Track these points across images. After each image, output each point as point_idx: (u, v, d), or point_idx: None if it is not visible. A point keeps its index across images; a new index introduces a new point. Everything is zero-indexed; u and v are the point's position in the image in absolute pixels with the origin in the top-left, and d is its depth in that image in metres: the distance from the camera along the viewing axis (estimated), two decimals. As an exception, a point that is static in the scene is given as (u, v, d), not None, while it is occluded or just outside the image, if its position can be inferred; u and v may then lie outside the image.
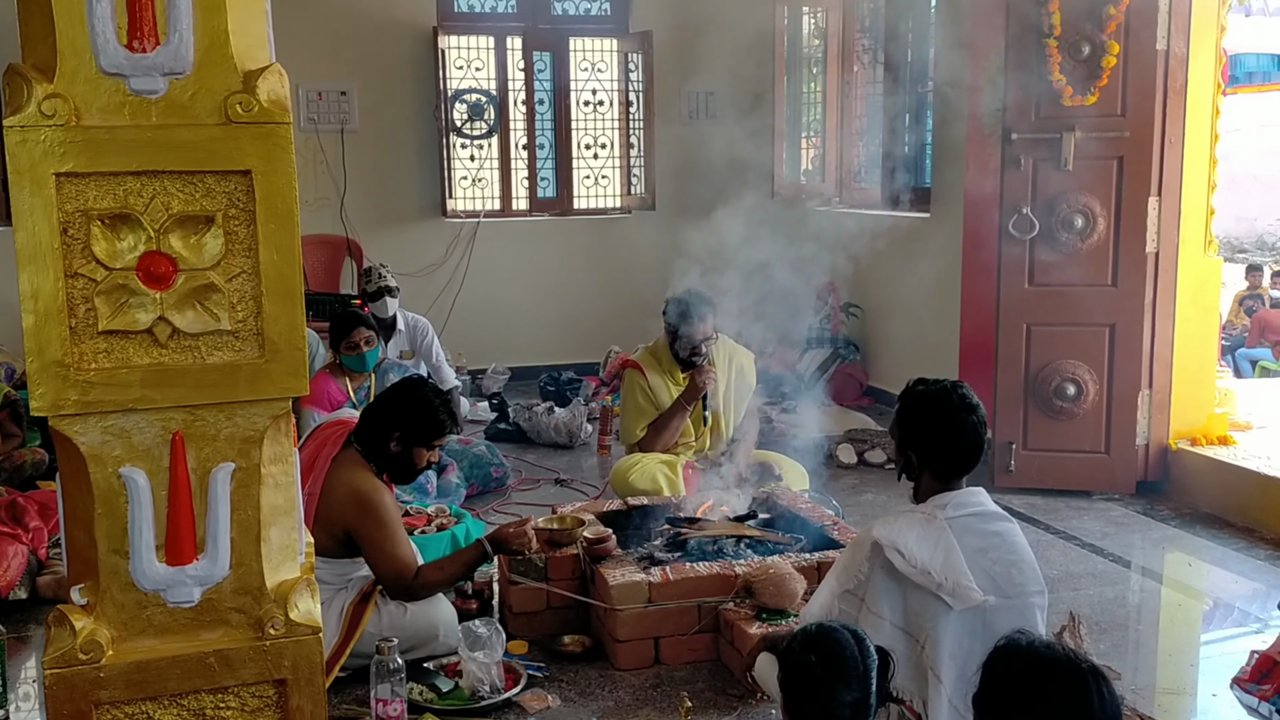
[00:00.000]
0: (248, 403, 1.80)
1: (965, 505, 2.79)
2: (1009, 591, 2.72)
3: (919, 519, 2.77)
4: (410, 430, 3.52)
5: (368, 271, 6.13)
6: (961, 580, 2.65)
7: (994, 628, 2.65)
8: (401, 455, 3.55)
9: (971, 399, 2.83)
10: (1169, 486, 5.34)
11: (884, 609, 2.71)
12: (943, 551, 2.68)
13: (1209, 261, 5.41)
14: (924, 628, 2.69)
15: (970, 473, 2.86)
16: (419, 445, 3.55)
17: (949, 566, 2.66)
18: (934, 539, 2.70)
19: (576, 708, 3.32)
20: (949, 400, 2.81)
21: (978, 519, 2.79)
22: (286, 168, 1.76)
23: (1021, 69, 5.14)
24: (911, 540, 2.69)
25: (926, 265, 6.81)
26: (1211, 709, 3.35)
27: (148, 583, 1.79)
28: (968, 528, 2.75)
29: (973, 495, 2.83)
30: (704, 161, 7.08)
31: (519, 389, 7.60)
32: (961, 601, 2.64)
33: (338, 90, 7.79)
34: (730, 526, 4.11)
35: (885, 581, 2.71)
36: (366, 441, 3.55)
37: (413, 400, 3.55)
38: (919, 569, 2.66)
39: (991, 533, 2.78)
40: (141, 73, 1.68)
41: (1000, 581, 2.72)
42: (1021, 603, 2.74)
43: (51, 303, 1.69)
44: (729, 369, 4.97)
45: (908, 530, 2.72)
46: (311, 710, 1.88)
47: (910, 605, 2.71)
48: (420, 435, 3.54)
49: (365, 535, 3.44)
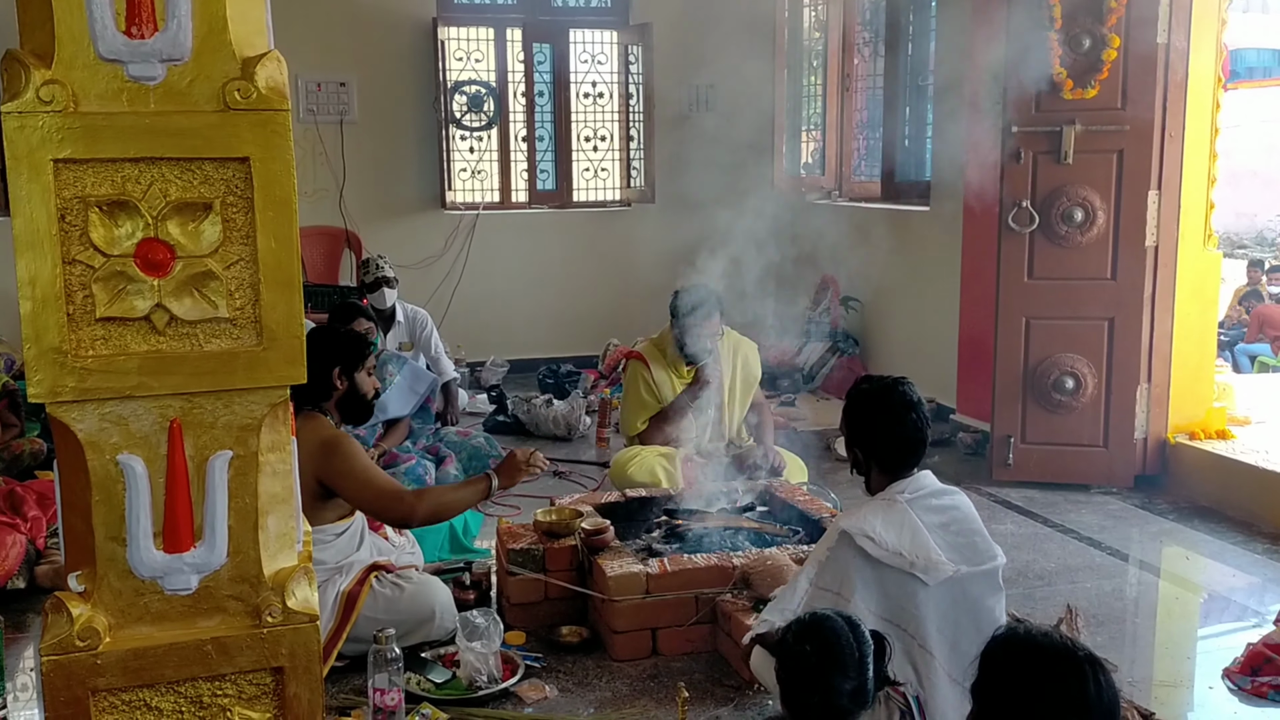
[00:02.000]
0: (245, 390, 1.80)
1: (921, 487, 2.92)
2: (974, 560, 2.85)
3: (880, 506, 2.89)
4: (343, 359, 3.64)
5: (366, 263, 6.13)
6: (932, 555, 2.77)
7: (970, 594, 2.83)
8: (349, 390, 3.67)
9: (912, 396, 2.94)
10: (1167, 480, 5.35)
11: (859, 598, 2.80)
12: (909, 532, 2.80)
13: (1208, 256, 5.41)
14: (906, 609, 2.79)
15: (915, 466, 2.96)
16: (357, 370, 3.68)
17: (918, 544, 2.78)
18: (899, 522, 2.82)
19: (574, 698, 3.32)
20: (890, 397, 2.93)
21: (932, 495, 2.92)
22: (285, 155, 1.75)
23: (1022, 62, 5.13)
24: (879, 525, 2.81)
25: (926, 259, 6.82)
26: (1208, 701, 3.35)
27: (145, 570, 1.78)
28: (925, 506, 2.88)
29: (924, 478, 2.95)
30: (704, 154, 7.07)
31: (518, 381, 7.60)
32: (935, 576, 2.76)
33: (337, 81, 7.78)
34: (728, 518, 4.12)
35: (860, 570, 2.80)
36: (313, 398, 3.58)
37: (326, 338, 3.70)
38: (890, 551, 2.77)
39: (948, 506, 2.91)
40: (140, 59, 1.68)
41: (965, 551, 2.85)
42: (990, 567, 2.87)
43: (49, 289, 1.68)
44: (734, 360, 4.96)
45: (873, 517, 2.83)
46: (309, 698, 1.88)
47: (889, 591, 2.79)
48: (353, 358, 3.67)
49: (338, 472, 3.44)
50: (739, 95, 8.09)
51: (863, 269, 7.59)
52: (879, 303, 7.51)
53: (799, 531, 4.01)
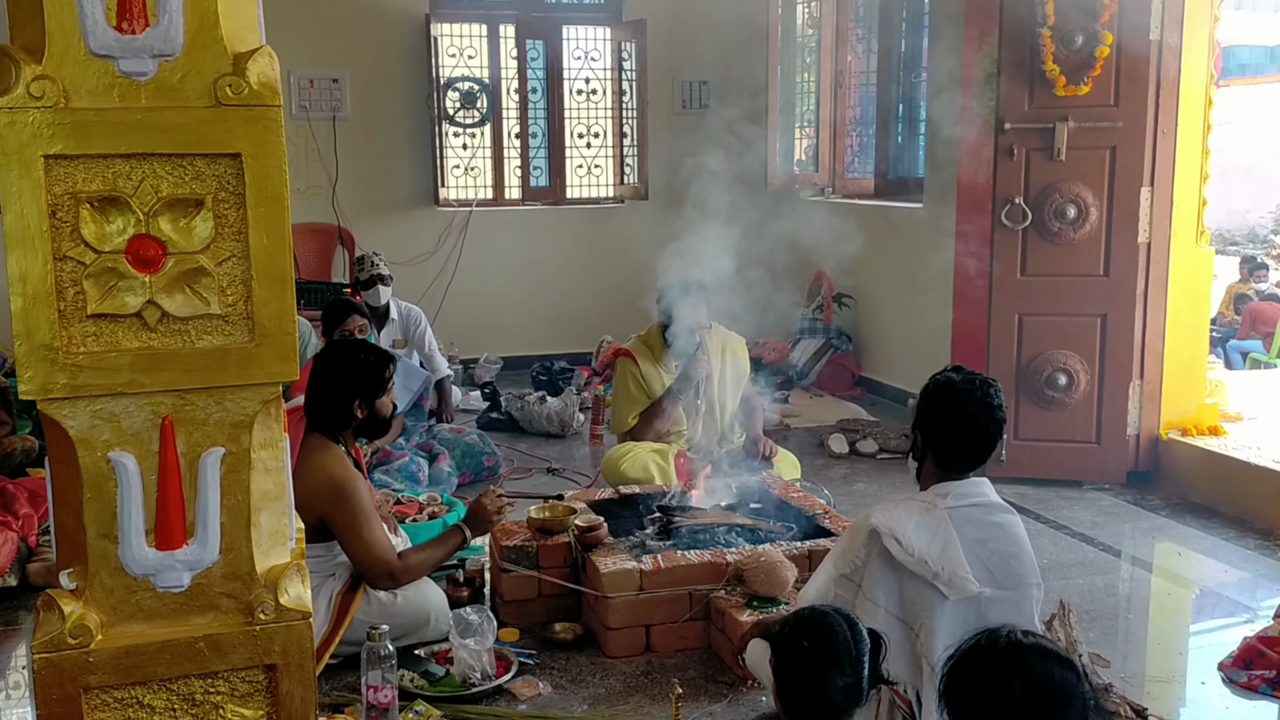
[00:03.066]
0: (237, 387, 1.79)
1: (967, 496, 2.78)
2: (1005, 583, 2.72)
3: (919, 507, 2.76)
4: (364, 390, 3.57)
5: (360, 259, 6.11)
6: (958, 570, 2.65)
7: (988, 619, 2.63)
8: (369, 415, 3.61)
9: (993, 400, 2.80)
10: (1159, 476, 5.36)
11: (880, 596, 2.71)
12: (941, 541, 2.67)
13: (1201, 252, 5.42)
14: (919, 616, 2.69)
15: (972, 470, 2.84)
16: (378, 398, 3.61)
17: (946, 556, 2.66)
18: (933, 528, 2.70)
19: (567, 695, 3.32)
20: (970, 395, 2.79)
21: (979, 510, 2.78)
22: (277, 151, 1.74)
23: (1015, 59, 5.14)
24: (910, 528, 2.69)
25: (919, 256, 6.81)
26: (1200, 697, 3.36)
27: (137, 567, 1.78)
28: (968, 518, 2.75)
29: (976, 486, 2.82)
30: (697, 151, 7.06)
31: (511, 378, 7.59)
32: (957, 592, 2.64)
33: (329, 78, 7.76)
34: (722, 515, 4.12)
35: (882, 569, 2.71)
36: (328, 425, 3.55)
37: (348, 365, 3.59)
38: (916, 557, 2.65)
39: (992, 524, 2.78)
40: (131, 54, 1.67)
41: (997, 573, 2.72)
42: (1018, 594, 2.74)
43: (40, 286, 1.68)
44: (722, 356, 4.97)
45: (907, 518, 2.71)
46: (302, 695, 1.88)
47: (906, 594, 2.70)
48: (374, 389, 3.59)
49: (340, 523, 3.43)
50: (732, 92, 8.09)
51: (856, 266, 7.58)
52: (872, 299, 7.52)
53: (792, 528, 4.01)
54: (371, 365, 3.61)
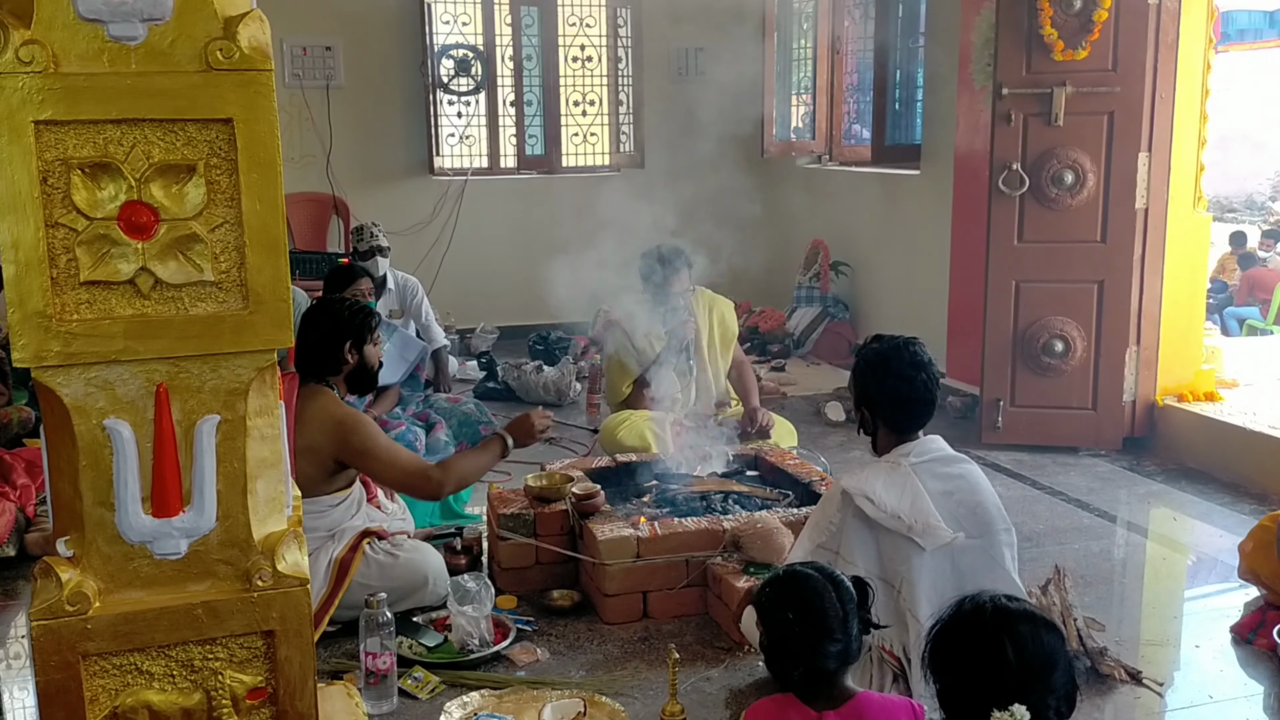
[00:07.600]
0: (232, 354, 1.79)
1: (926, 452, 2.91)
2: (974, 531, 2.84)
3: (884, 468, 2.88)
4: (353, 332, 3.63)
5: (359, 230, 6.08)
6: (930, 520, 2.77)
7: (961, 566, 2.82)
8: (359, 363, 3.67)
9: (922, 356, 2.95)
10: (1155, 442, 5.37)
11: (858, 558, 2.81)
12: (910, 495, 2.80)
13: (1198, 218, 5.41)
14: (899, 571, 2.79)
15: (922, 427, 2.96)
16: (366, 343, 3.68)
17: (917, 509, 2.78)
18: (900, 484, 2.82)
19: (565, 661, 3.34)
20: (899, 357, 2.94)
21: (939, 463, 2.91)
22: (268, 116, 1.73)
23: (1012, 23, 5.11)
24: (879, 486, 2.81)
25: (916, 223, 6.80)
26: (1194, 660, 3.38)
27: (134, 535, 1.78)
28: (931, 472, 2.87)
29: (932, 442, 2.94)
30: (693, 119, 7.03)
31: (507, 348, 7.58)
32: (932, 541, 2.76)
33: (323, 45, 7.70)
34: (718, 482, 4.13)
35: (858, 530, 2.81)
36: (320, 372, 3.59)
37: (333, 311, 3.69)
38: (889, 513, 2.77)
39: (954, 475, 2.91)
40: (120, 18, 1.65)
41: (965, 522, 2.84)
42: (988, 541, 2.87)
43: (32, 253, 1.67)
44: (710, 319, 5.00)
45: (874, 478, 2.84)
46: (300, 661, 1.88)
47: (884, 551, 2.81)
48: (362, 331, 3.66)
49: (359, 451, 3.45)
50: (728, 59, 8.02)
51: (853, 233, 7.58)
52: (869, 267, 7.50)
53: (789, 495, 4.02)
54: (358, 309, 3.72)
